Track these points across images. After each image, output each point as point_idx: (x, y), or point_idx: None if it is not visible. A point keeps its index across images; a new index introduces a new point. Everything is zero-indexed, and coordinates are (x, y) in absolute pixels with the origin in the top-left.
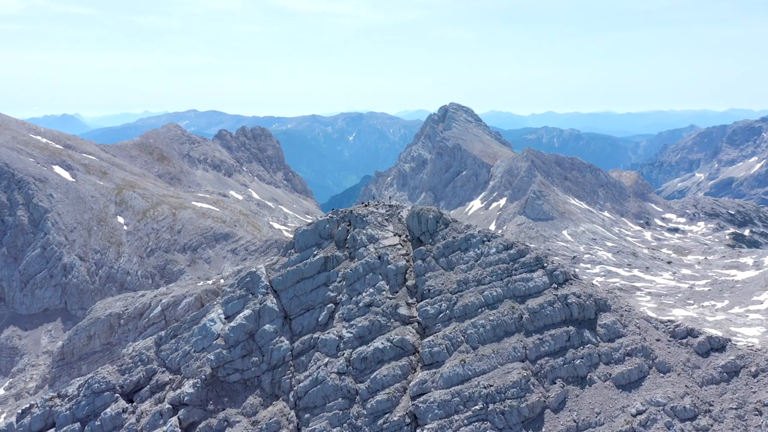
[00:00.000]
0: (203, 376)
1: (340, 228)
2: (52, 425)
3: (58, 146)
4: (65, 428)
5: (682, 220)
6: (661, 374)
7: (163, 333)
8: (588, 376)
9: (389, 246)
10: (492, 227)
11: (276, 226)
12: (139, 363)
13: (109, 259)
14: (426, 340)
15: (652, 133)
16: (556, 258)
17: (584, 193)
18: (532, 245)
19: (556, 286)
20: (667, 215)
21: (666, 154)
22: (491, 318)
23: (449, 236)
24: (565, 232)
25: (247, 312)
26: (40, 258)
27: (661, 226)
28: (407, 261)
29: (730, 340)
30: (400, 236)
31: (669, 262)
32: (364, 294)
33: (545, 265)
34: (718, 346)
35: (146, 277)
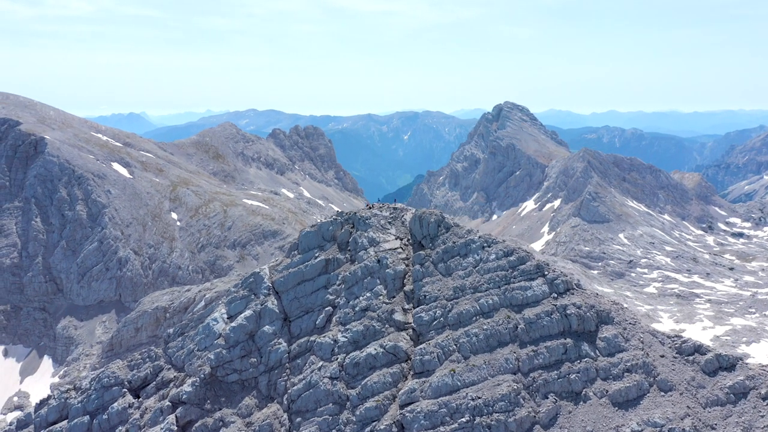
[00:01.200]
0: (202, 375)
1: (343, 230)
2: (66, 417)
3: (117, 144)
4: (76, 420)
5: (747, 224)
6: (662, 393)
7: (171, 330)
8: (583, 392)
9: (389, 250)
10: (545, 229)
11: None
12: (147, 359)
13: (162, 253)
14: (418, 347)
15: (720, 134)
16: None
17: (643, 195)
18: (587, 248)
19: (555, 295)
20: (732, 219)
21: (733, 156)
22: (485, 327)
23: (449, 241)
24: (621, 236)
25: (248, 312)
26: (97, 251)
27: (724, 230)
28: (407, 265)
29: (741, 359)
30: (401, 240)
31: (731, 269)
32: (361, 298)
33: (546, 273)
34: (727, 365)
35: (197, 272)
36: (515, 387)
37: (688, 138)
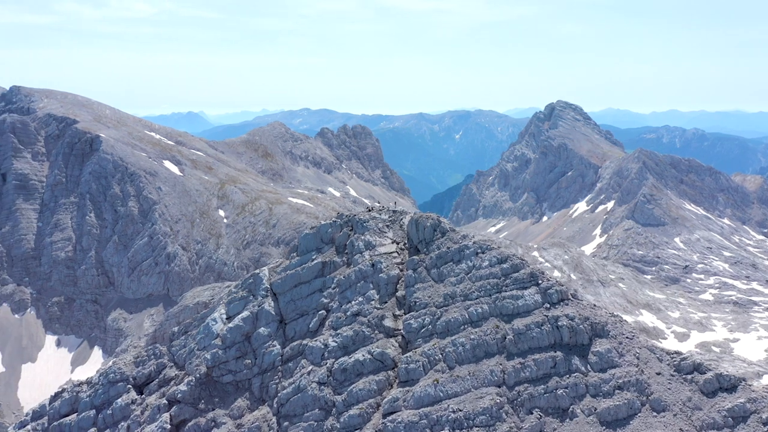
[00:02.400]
0: (198, 375)
1: (341, 233)
2: (77, 410)
3: (169, 142)
4: (83, 414)
5: None
6: (655, 413)
7: (176, 329)
8: (570, 409)
9: (384, 254)
10: (597, 231)
11: None
12: (152, 356)
13: (209, 249)
14: (404, 355)
15: None
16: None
17: (702, 198)
18: (640, 252)
19: (548, 305)
20: None
21: None
22: (472, 337)
23: (444, 246)
24: (677, 240)
25: (245, 314)
26: (147, 246)
27: None
28: (401, 270)
29: (744, 380)
30: (398, 244)
31: None
32: (353, 302)
33: (540, 282)
34: (728, 385)
35: (242, 268)
36: (498, 401)
37: (752, 139)
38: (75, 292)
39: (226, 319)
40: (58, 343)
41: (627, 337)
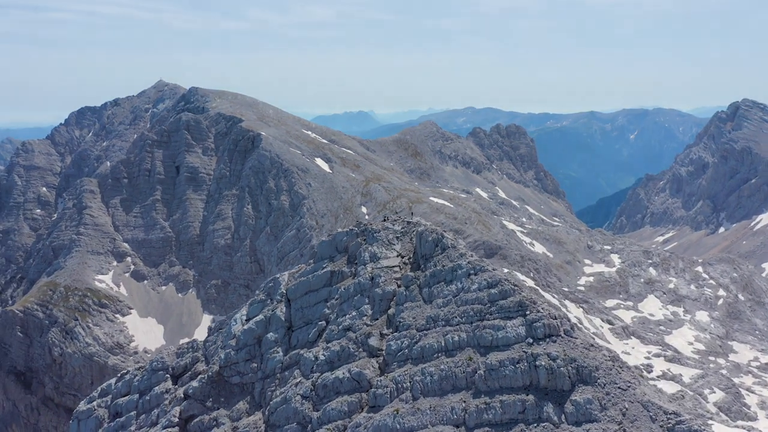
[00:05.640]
0: (210, 373)
1: (354, 242)
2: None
3: (323, 141)
4: (130, 397)
5: None
6: None
7: (212, 324)
8: None
9: (386, 267)
10: None
11: (510, 226)
12: (190, 349)
13: None
14: (378, 379)
15: None
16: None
17: None
18: None
19: (531, 341)
20: None
21: None
22: (443, 367)
23: (439, 264)
24: None
25: (259, 317)
26: (294, 239)
27: None
28: (398, 286)
29: None
30: (403, 258)
31: None
32: (347, 316)
33: (527, 313)
34: None
35: None
36: None
37: None
38: (230, 276)
39: (246, 320)
40: (213, 322)
41: (620, 388)
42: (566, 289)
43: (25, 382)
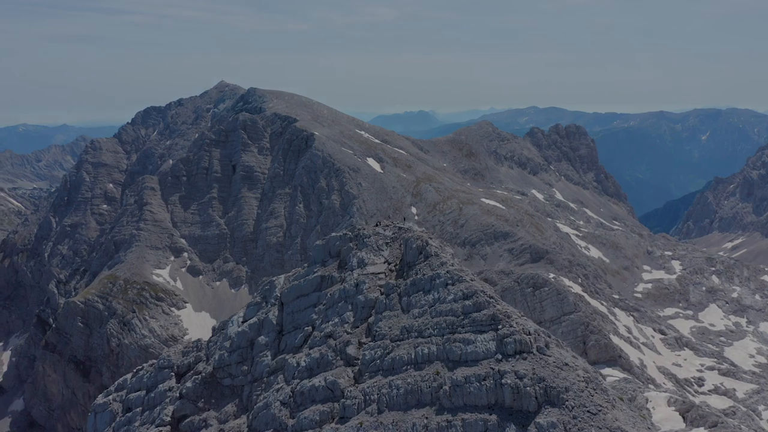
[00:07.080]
0: (204, 374)
1: (346, 247)
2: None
3: (375, 141)
4: (139, 393)
5: None
6: None
7: (216, 325)
8: None
9: (371, 274)
10: None
11: (564, 229)
12: (194, 349)
13: None
14: (349, 389)
15: None
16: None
17: None
18: None
19: (500, 357)
20: None
21: None
22: (410, 380)
23: (420, 272)
24: None
25: (253, 320)
26: None
27: None
28: (381, 293)
29: None
30: (389, 264)
31: None
32: (330, 323)
33: (499, 327)
34: None
35: None
36: None
37: None
38: (281, 273)
39: (242, 322)
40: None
41: (589, 412)
42: (617, 297)
43: (83, 371)
